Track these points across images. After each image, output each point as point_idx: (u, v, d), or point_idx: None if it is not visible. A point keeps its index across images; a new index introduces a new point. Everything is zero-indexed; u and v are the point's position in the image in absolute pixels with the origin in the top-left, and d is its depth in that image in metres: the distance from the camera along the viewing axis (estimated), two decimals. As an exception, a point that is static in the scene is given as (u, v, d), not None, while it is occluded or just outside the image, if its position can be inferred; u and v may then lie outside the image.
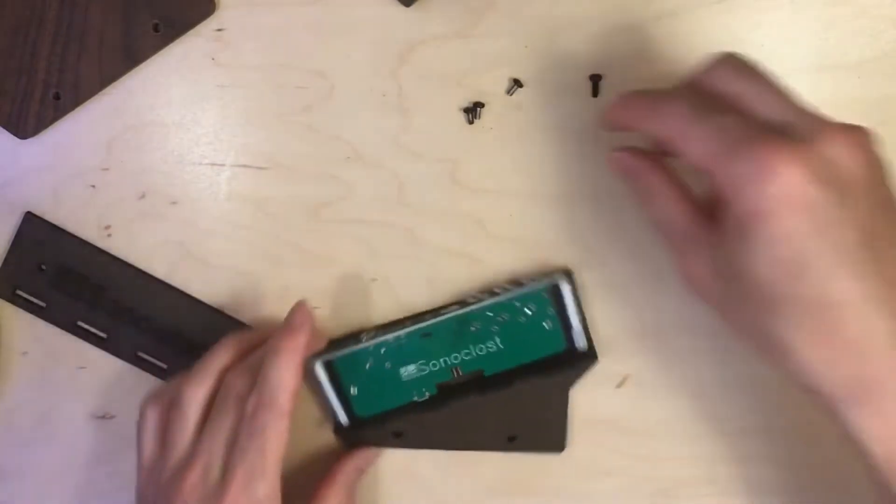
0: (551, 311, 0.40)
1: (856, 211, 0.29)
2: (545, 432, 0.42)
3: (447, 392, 0.42)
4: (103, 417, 0.44)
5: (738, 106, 0.32)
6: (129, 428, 0.44)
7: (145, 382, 0.44)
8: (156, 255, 0.43)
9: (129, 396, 0.44)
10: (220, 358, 0.39)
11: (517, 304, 0.40)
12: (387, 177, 0.42)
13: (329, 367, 0.42)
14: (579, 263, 0.42)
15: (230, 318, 0.43)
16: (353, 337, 0.42)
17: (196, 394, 0.38)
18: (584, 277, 0.42)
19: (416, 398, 0.42)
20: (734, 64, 0.33)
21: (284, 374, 0.37)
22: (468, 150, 0.42)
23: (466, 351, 0.41)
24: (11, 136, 0.42)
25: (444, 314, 0.41)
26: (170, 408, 0.39)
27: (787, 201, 0.29)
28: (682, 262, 0.34)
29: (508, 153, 0.41)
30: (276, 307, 0.43)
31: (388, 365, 0.42)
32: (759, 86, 0.32)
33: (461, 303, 0.41)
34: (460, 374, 0.41)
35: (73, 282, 0.43)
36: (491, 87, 0.41)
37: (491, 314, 0.41)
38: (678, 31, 0.40)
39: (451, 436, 0.42)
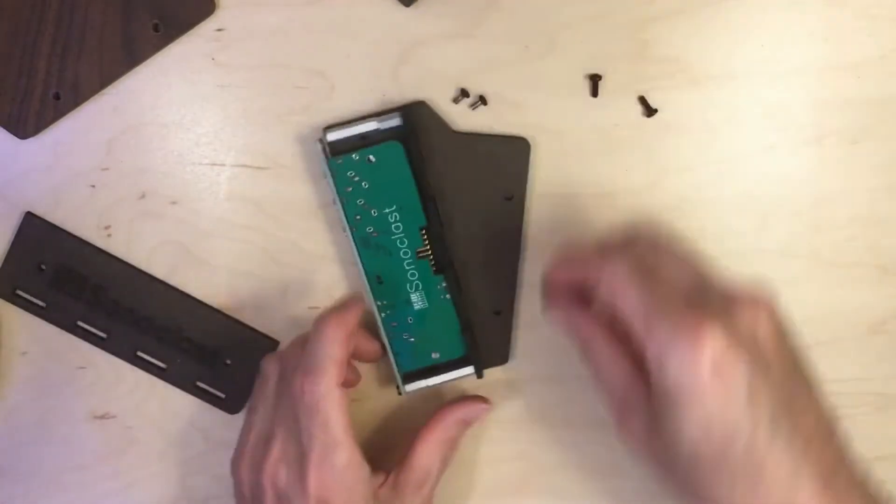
0: (354, 156, 0.40)
1: (773, 377, 0.31)
2: (502, 182, 0.41)
3: (442, 266, 0.41)
4: (103, 417, 0.44)
5: (658, 276, 0.33)
6: (129, 428, 0.44)
7: (145, 382, 0.44)
8: (156, 255, 0.43)
9: (129, 396, 0.44)
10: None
11: (348, 188, 0.40)
12: (387, 177, 0.42)
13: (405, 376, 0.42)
14: (579, 263, 0.42)
15: (230, 318, 0.43)
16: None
17: (275, 368, 0.39)
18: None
19: (446, 295, 0.41)
20: (650, 237, 0.35)
21: (329, 344, 0.36)
22: (468, 150, 0.41)
23: (399, 243, 0.41)
24: (11, 136, 0.42)
25: (356, 263, 0.41)
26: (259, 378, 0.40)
27: (715, 370, 0.30)
28: (619, 418, 0.34)
29: (508, 153, 0.41)
30: (277, 307, 0.43)
31: (410, 320, 0.42)
32: (673, 259, 0.34)
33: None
34: (425, 250, 0.41)
35: (73, 282, 0.43)
36: (491, 87, 0.41)
37: (358, 215, 0.40)
38: (678, 31, 0.40)
39: (495, 278, 0.42)
